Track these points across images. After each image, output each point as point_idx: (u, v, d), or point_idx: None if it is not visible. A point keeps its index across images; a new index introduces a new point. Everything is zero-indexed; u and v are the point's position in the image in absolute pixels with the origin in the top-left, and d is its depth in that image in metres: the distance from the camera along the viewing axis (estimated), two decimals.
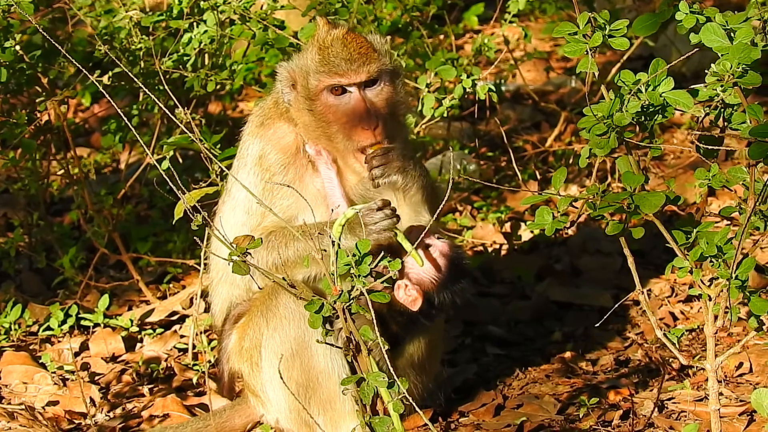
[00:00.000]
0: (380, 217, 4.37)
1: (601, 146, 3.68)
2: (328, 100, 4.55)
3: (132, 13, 5.76)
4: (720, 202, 6.68)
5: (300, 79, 4.60)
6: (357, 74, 4.52)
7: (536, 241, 6.56)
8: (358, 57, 4.51)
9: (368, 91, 4.56)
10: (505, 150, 7.48)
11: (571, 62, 8.82)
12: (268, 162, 4.64)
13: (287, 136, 4.67)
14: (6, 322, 5.96)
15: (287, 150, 4.66)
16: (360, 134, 4.52)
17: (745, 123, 3.64)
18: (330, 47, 4.53)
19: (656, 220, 3.79)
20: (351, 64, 4.51)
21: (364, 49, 4.54)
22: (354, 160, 4.59)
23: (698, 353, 5.31)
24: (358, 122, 4.52)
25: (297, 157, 4.65)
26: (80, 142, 8.01)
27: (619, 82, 3.71)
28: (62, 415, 5.26)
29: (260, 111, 4.79)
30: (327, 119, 4.55)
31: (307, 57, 4.59)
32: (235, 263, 3.77)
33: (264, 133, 4.70)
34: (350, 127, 4.53)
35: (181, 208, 3.98)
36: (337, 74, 4.52)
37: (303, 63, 4.60)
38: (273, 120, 4.70)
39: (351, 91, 4.54)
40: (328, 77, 4.52)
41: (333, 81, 4.53)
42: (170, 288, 6.33)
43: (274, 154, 4.66)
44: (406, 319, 4.56)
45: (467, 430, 4.87)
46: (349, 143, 4.55)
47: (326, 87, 4.53)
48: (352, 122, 4.52)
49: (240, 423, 4.94)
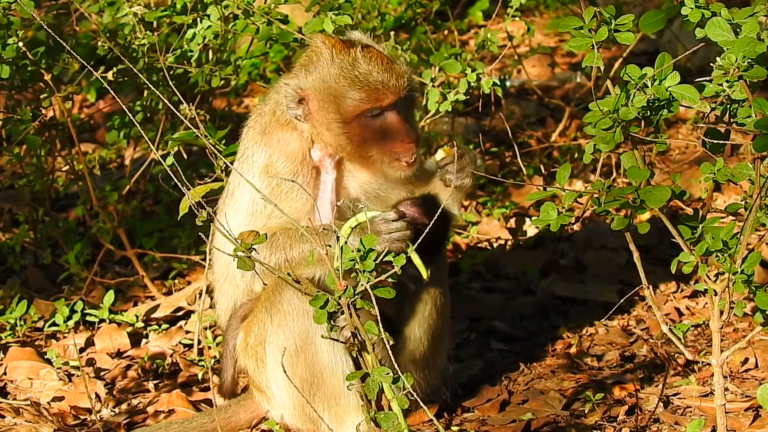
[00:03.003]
0: (396, 227, 4.39)
1: (606, 141, 3.67)
2: (363, 122, 4.54)
3: (136, 9, 5.75)
4: (725, 197, 6.68)
5: (323, 102, 4.55)
6: (394, 94, 4.51)
7: (541, 237, 6.56)
8: (389, 77, 4.50)
9: (398, 107, 4.56)
10: (510, 145, 7.47)
11: (576, 58, 8.81)
12: (275, 170, 4.63)
13: (292, 144, 4.67)
14: (11, 317, 5.96)
15: (294, 158, 4.66)
16: (399, 147, 4.53)
17: (751, 117, 3.63)
18: (356, 69, 4.50)
19: (662, 214, 3.78)
20: (386, 86, 4.50)
21: (391, 65, 4.53)
22: (384, 166, 4.61)
23: (704, 349, 5.30)
24: (396, 138, 4.53)
25: (304, 164, 4.65)
26: (85, 138, 8.01)
27: (625, 76, 3.70)
28: (67, 410, 5.26)
29: (259, 119, 4.76)
30: (363, 139, 4.55)
31: (328, 78, 4.53)
32: (239, 259, 3.77)
33: (269, 142, 4.68)
34: (389, 143, 4.54)
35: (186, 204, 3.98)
36: (376, 99, 4.51)
37: (324, 85, 4.54)
38: (275, 128, 4.68)
39: (386, 111, 4.55)
40: (366, 103, 4.51)
41: (370, 105, 4.52)
42: (175, 284, 6.33)
43: (281, 162, 4.65)
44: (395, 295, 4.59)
45: (472, 425, 4.86)
46: (386, 157, 4.56)
47: (363, 111, 4.53)
48: (390, 139, 4.54)
49: (245, 418, 4.94)
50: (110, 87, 4.18)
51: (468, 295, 6.04)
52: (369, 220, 4.03)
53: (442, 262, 4.89)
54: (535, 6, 9.36)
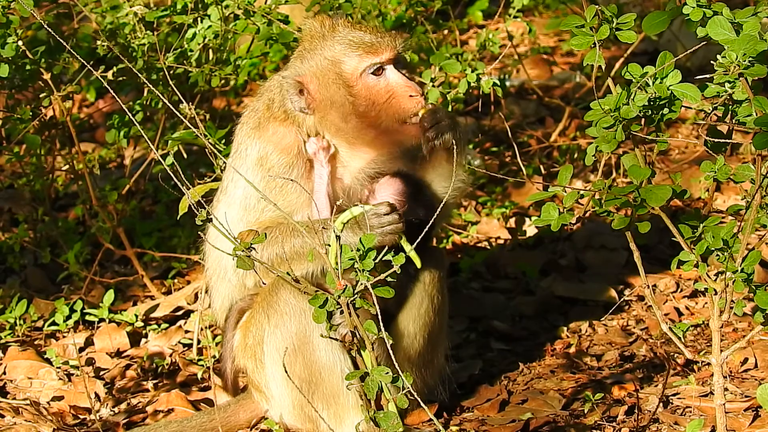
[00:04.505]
0: (387, 221, 4.40)
1: (607, 140, 3.67)
2: (368, 82, 4.60)
3: (136, 8, 5.75)
4: (725, 197, 6.68)
5: (324, 77, 4.61)
6: (390, 49, 4.60)
7: (541, 237, 6.56)
8: (383, 34, 4.63)
9: (397, 65, 4.65)
10: (510, 145, 7.47)
11: (576, 58, 8.81)
12: (270, 163, 4.64)
13: (287, 137, 4.68)
14: (11, 317, 5.96)
15: (289, 151, 4.66)
16: (409, 102, 4.60)
17: (751, 115, 3.63)
18: (350, 33, 4.62)
19: (663, 213, 3.78)
20: (381, 41, 4.60)
21: (379, 27, 4.71)
22: (361, 149, 4.63)
23: (703, 348, 5.30)
24: (404, 92, 4.59)
25: (299, 157, 4.66)
26: (85, 137, 8.00)
27: (626, 75, 3.70)
28: (67, 410, 5.26)
29: (253, 114, 4.79)
30: (370, 102, 4.60)
31: (324, 51, 4.62)
32: (239, 258, 3.76)
33: (262, 135, 4.70)
34: (397, 100, 4.60)
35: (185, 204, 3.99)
36: (373, 53, 4.59)
37: (324, 59, 4.62)
38: (269, 122, 4.70)
39: (386, 68, 4.62)
40: (366, 58, 4.59)
41: (371, 61, 4.59)
42: (175, 283, 6.33)
43: (276, 155, 4.66)
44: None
45: (472, 425, 4.86)
46: (398, 117, 4.61)
47: (365, 69, 4.59)
48: (398, 95, 4.60)
49: (245, 418, 4.94)
50: (110, 86, 4.18)
51: (467, 295, 6.03)
52: (360, 214, 4.02)
53: (438, 260, 4.88)
54: (535, 6, 9.36)
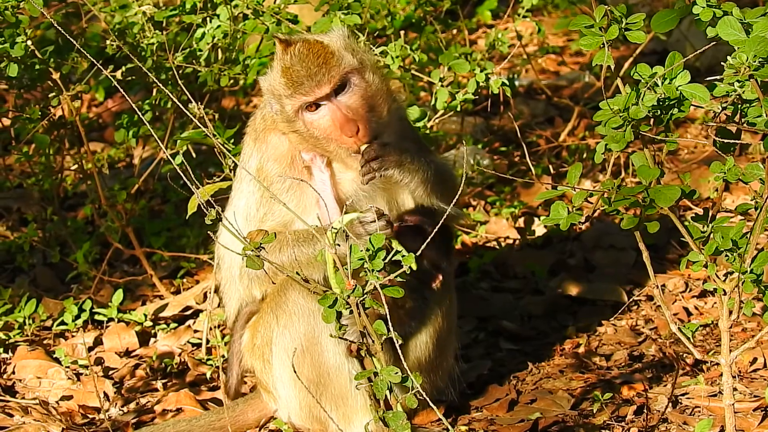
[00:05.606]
0: (374, 228, 4.38)
1: (617, 140, 3.67)
2: (305, 117, 4.51)
3: (145, 8, 5.76)
4: (734, 197, 6.67)
5: (273, 101, 4.59)
6: (320, 88, 4.45)
7: (550, 236, 6.55)
8: (317, 70, 4.43)
9: (341, 97, 4.50)
10: (519, 145, 7.47)
11: (584, 57, 8.80)
12: (266, 173, 4.66)
13: (281, 146, 4.68)
14: (20, 316, 5.97)
15: (283, 160, 4.67)
16: (346, 142, 4.49)
17: (761, 117, 3.62)
18: (290, 68, 4.46)
19: (672, 213, 3.78)
20: (312, 80, 4.43)
21: (322, 58, 4.44)
22: (353, 160, 4.58)
23: (712, 348, 5.30)
24: (340, 131, 4.47)
25: (293, 165, 4.66)
26: (94, 137, 8.02)
27: (635, 75, 3.70)
28: (76, 409, 5.27)
29: (252, 124, 4.81)
30: (312, 134, 4.53)
31: (274, 80, 4.54)
32: (248, 258, 3.77)
33: (259, 147, 4.72)
34: (336, 136, 4.49)
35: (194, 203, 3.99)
36: (303, 94, 4.46)
37: (273, 87, 4.56)
38: (265, 133, 4.71)
39: (323, 104, 4.49)
40: (296, 99, 4.47)
41: (301, 101, 4.47)
42: (184, 283, 6.34)
43: (271, 165, 4.67)
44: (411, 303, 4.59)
45: (481, 425, 4.86)
46: (341, 150, 4.53)
47: (299, 108, 4.50)
48: (335, 132, 4.49)
49: (253, 417, 4.95)
50: (119, 86, 4.19)
51: (476, 295, 6.03)
52: (347, 223, 3.99)
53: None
54: (544, 6, 9.36)
